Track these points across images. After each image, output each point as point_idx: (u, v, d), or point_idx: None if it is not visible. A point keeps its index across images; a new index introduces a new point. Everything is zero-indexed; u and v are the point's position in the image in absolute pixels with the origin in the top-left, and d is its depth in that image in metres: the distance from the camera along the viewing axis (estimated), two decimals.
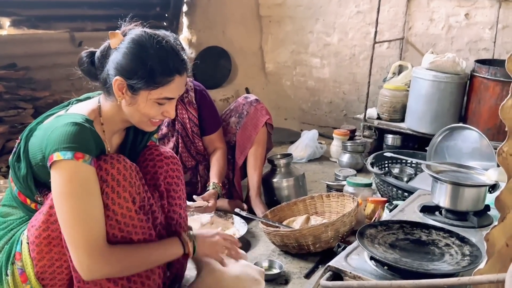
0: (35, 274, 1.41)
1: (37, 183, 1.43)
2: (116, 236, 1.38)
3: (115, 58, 1.41)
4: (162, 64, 1.40)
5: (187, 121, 2.49)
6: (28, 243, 1.40)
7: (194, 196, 2.30)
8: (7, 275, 1.44)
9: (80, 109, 1.45)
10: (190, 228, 1.85)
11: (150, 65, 1.38)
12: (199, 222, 2.34)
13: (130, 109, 1.44)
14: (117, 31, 1.44)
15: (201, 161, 2.60)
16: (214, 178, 2.43)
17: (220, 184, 2.41)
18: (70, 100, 1.54)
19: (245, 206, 2.52)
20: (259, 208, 2.50)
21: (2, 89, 2.93)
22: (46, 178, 1.36)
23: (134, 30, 1.45)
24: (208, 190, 2.36)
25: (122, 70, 1.39)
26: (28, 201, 1.46)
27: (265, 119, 2.53)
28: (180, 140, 2.51)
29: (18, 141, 1.47)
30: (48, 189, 1.36)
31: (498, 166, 2.24)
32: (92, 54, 1.47)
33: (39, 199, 1.45)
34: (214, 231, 1.68)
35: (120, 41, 1.42)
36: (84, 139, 1.33)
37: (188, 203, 2.27)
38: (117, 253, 1.37)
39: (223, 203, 2.54)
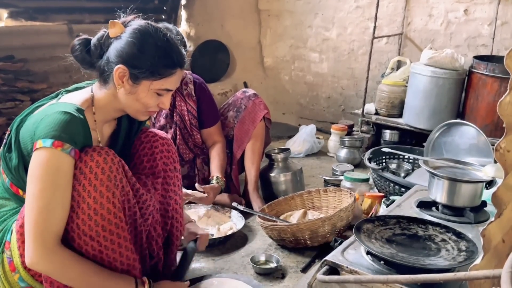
0: (21, 264, 1.40)
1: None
2: (85, 233, 1.34)
3: (118, 46, 1.41)
4: (167, 56, 1.43)
5: (186, 113, 2.49)
6: (16, 231, 1.40)
7: (196, 185, 2.30)
8: (1, 264, 1.44)
9: (72, 99, 1.45)
10: (190, 220, 1.87)
11: (156, 56, 1.41)
12: (196, 215, 2.35)
13: (128, 98, 1.45)
14: (117, 20, 1.45)
15: (199, 154, 2.60)
16: (216, 172, 2.43)
17: (224, 179, 2.42)
18: (59, 91, 1.53)
19: (242, 200, 2.52)
20: (256, 202, 2.50)
21: (0, 81, 2.92)
22: None
23: (137, 21, 1.46)
24: (211, 183, 2.36)
25: (126, 59, 1.40)
26: (21, 192, 1.45)
27: (263, 114, 2.53)
28: (178, 132, 2.50)
29: (8, 132, 1.46)
30: None
31: (495, 162, 2.25)
32: (87, 41, 1.46)
33: None
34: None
35: (121, 31, 1.43)
36: (70, 129, 1.32)
37: (188, 191, 2.28)
38: (64, 258, 1.33)
39: (221, 197, 2.54)
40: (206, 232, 1.86)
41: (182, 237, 1.78)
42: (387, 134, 3.45)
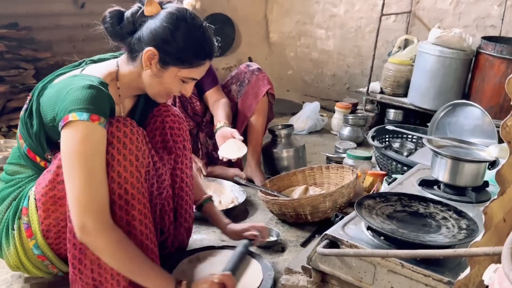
0: (41, 231, 1.42)
1: (48, 141, 1.43)
2: (114, 201, 1.33)
3: (152, 27, 1.39)
4: (199, 47, 1.43)
5: None
6: (35, 199, 1.41)
7: (234, 134, 2.27)
8: (13, 229, 1.45)
9: (96, 71, 1.43)
10: (205, 193, 1.87)
11: (189, 45, 1.41)
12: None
13: (152, 81, 1.45)
14: None
15: (202, 125, 2.60)
16: (222, 118, 2.39)
17: (231, 125, 2.41)
18: (84, 60, 1.52)
19: (243, 174, 2.53)
20: (258, 177, 2.51)
21: (4, 48, 2.91)
22: (56, 137, 1.35)
23: (174, 4, 1.44)
24: (217, 129, 2.34)
25: (158, 42, 1.38)
26: (38, 158, 1.46)
27: (266, 89, 2.52)
28: (177, 100, 2.49)
29: (29, 97, 1.45)
30: (58, 148, 1.34)
31: (499, 143, 2.25)
32: (120, 14, 1.43)
33: (49, 157, 1.45)
34: (210, 277, 1.45)
35: (157, 11, 1.40)
36: (100, 102, 1.31)
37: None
38: (121, 237, 1.31)
39: (222, 170, 2.55)
40: (263, 226, 1.82)
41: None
42: (391, 114, 3.44)
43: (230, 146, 2.24)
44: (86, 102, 1.28)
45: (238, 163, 2.64)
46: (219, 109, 2.45)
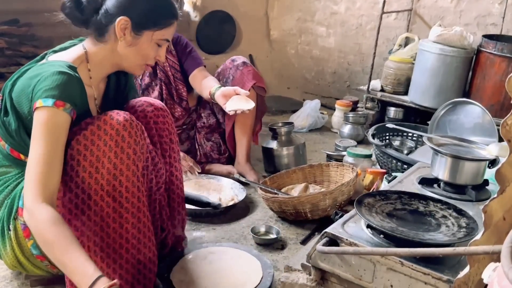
0: None
1: (29, 135, 1.41)
2: (109, 193, 1.32)
3: None
4: (167, 7, 1.49)
5: (168, 68, 2.49)
6: None
7: (238, 90, 2.19)
8: (9, 230, 1.44)
9: (63, 57, 1.44)
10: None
11: (157, 4, 1.46)
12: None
13: (128, 51, 1.46)
14: None
15: (199, 130, 2.59)
16: (216, 83, 2.34)
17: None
18: (46, 52, 1.52)
19: (235, 170, 2.50)
20: (249, 174, 2.48)
21: (4, 45, 2.91)
22: None
23: None
24: (215, 92, 2.25)
25: (129, 10, 1.41)
26: (22, 156, 1.44)
27: (251, 84, 2.39)
28: (164, 88, 2.48)
29: (0, 97, 1.45)
30: None
31: (499, 141, 2.25)
32: None
33: None
34: None
35: None
36: (69, 89, 1.32)
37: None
38: (51, 217, 1.22)
39: (218, 168, 2.55)
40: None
41: None
42: (392, 112, 3.44)
43: (236, 102, 2.14)
44: (53, 89, 1.30)
45: (232, 160, 2.61)
46: (210, 81, 2.39)
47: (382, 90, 3.46)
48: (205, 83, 2.40)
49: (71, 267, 1.18)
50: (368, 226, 1.49)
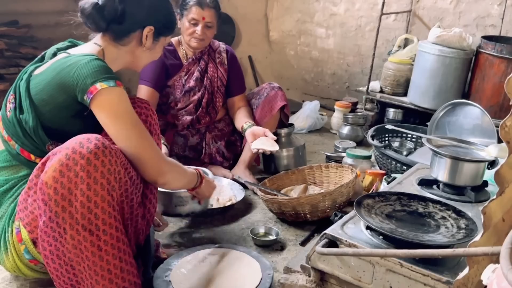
0: (30, 239, 1.40)
1: (47, 133, 1.43)
2: (85, 227, 1.27)
3: (147, 4, 1.55)
4: (174, 15, 1.68)
5: (216, 79, 2.60)
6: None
7: (267, 133, 2.39)
8: (9, 233, 1.44)
9: (83, 51, 1.49)
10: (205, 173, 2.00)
11: (172, 13, 1.65)
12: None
13: (145, 54, 1.61)
14: None
15: (211, 129, 2.61)
16: (251, 120, 2.53)
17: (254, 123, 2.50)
18: (45, 52, 1.56)
19: (230, 175, 2.51)
20: (249, 179, 2.48)
21: (4, 46, 2.91)
22: (62, 121, 1.42)
23: None
24: (247, 128, 2.45)
25: (153, 20, 1.56)
26: (32, 157, 1.44)
27: (281, 104, 2.59)
28: (206, 95, 2.58)
29: (12, 96, 1.46)
30: (60, 137, 1.37)
31: (498, 142, 2.25)
32: (96, 3, 1.50)
33: (50, 147, 1.42)
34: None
35: None
36: (112, 71, 1.42)
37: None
38: (176, 164, 1.60)
39: (216, 170, 2.55)
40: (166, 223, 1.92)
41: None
42: (391, 113, 3.44)
43: (263, 142, 2.35)
44: (105, 72, 1.38)
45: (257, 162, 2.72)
46: (246, 114, 2.58)
47: (382, 91, 3.46)
48: (240, 115, 2.59)
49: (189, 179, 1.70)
50: (368, 227, 1.49)
